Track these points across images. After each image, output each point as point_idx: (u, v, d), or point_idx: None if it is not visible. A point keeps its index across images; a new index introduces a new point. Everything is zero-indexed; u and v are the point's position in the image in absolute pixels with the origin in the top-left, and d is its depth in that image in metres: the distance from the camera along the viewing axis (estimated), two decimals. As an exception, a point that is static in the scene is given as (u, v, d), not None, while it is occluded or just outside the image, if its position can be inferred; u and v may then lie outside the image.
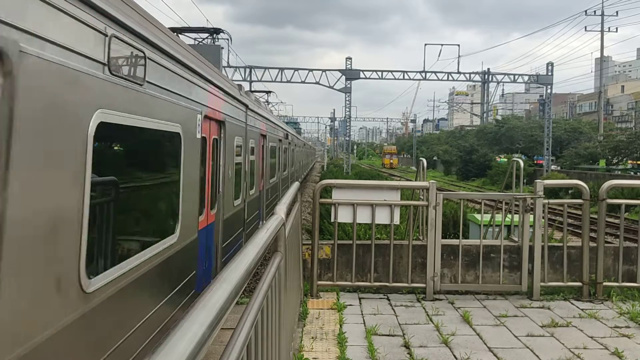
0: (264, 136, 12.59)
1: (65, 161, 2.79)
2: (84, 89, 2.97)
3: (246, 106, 9.68)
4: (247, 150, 9.85)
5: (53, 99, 2.63)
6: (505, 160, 49.19)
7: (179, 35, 12.44)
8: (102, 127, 3.16)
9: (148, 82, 4.04)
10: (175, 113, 4.78)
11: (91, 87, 3.05)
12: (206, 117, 6.15)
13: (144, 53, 3.93)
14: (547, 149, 45.47)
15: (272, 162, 14.72)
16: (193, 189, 5.55)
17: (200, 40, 14.76)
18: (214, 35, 15.12)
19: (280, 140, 17.24)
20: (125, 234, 3.89)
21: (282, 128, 18.64)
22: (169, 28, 5.52)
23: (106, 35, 3.24)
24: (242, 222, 9.37)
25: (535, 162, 50.26)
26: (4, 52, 2.21)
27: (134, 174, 4.19)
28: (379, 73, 44.66)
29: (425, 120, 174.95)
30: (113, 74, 3.35)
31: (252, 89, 42.57)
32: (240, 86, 10.12)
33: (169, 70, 4.63)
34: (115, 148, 3.89)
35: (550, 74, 44.52)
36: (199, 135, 5.75)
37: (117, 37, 3.39)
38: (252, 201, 10.68)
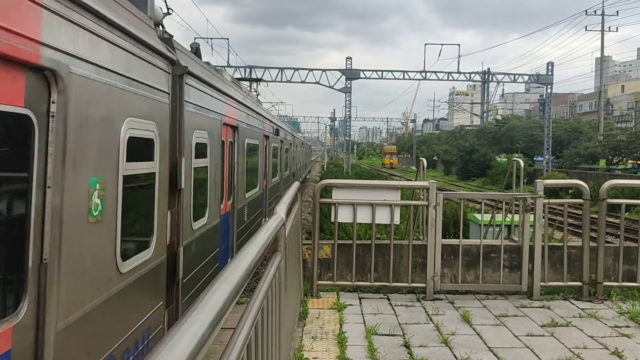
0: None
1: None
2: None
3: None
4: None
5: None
6: (505, 160, 49.16)
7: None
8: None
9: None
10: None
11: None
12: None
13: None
14: (547, 148, 45.46)
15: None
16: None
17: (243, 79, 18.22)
18: (257, 82, 19.99)
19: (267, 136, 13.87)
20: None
21: (270, 121, 15.33)
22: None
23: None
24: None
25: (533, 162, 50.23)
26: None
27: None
28: (379, 73, 44.66)
29: (426, 120, 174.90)
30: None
31: (252, 89, 42.55)
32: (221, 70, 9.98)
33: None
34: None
35: (550, 73, 44.53)
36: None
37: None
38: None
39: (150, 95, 4.34)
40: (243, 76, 42.75)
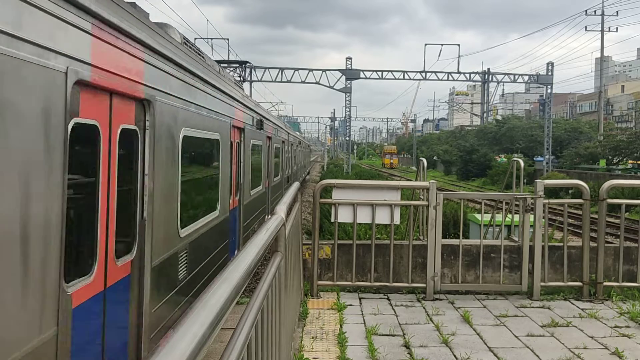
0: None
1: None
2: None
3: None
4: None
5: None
6: (506, 160, 49.15)
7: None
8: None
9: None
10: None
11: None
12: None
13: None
14: (547, 148, 45.46)
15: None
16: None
17: (231, 69, 16.14)
18: (241, 65, 17.03)
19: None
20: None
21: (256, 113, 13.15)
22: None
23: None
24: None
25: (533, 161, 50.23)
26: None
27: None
28: (379, 73, 44.65)
29: (426, 120, 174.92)
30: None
31: (252, 89, 42.44)
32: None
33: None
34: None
35: (550, 73, 44.51)
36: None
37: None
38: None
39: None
40: (243, 77, 42.80)
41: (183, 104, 5.34)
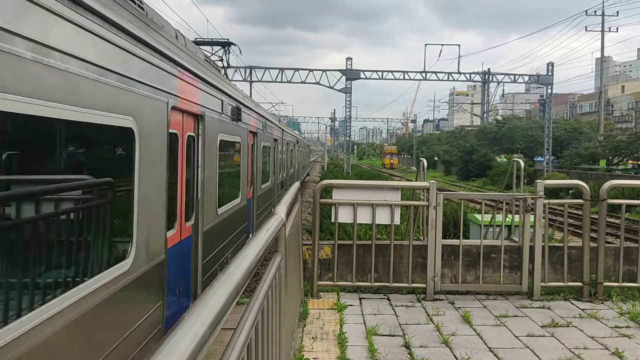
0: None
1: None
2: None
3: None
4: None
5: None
6: (506, 160, 49.15)
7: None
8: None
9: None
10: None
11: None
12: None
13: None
14: (548, 149, 45.47)
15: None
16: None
17: (212, 53, 14.33)
18: (226, 47, 14.84)
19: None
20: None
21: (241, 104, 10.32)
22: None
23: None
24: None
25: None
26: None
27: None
28: (379, 73, 44.67)
29: (426, 121, 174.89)
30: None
31: (252, 89, 42.30)
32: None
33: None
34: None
35: (550, 74, 44.54)
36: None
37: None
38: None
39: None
40: (243, 77, 42.76)
41: None
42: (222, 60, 15.13)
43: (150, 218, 4.41)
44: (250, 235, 10.50)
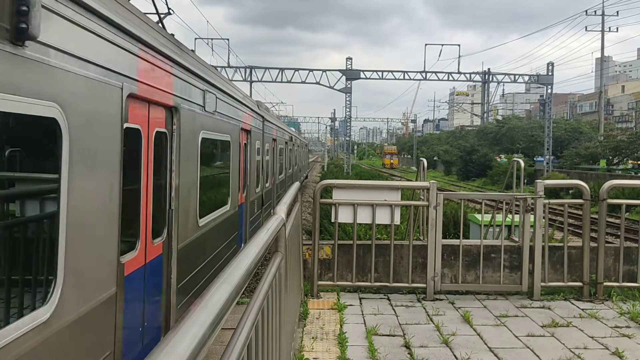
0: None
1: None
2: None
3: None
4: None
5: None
6: (506, 160, 49.13)
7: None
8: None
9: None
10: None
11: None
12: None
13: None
14: (548, 149, 45.43)
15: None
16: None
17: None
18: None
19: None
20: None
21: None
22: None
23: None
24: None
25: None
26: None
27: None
28: (379, 73, 44.63)
29: (426, 121, 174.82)
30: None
31: (252, 89, 42.24)
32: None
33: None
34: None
35: (550, 74, 44.49)
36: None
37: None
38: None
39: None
40: (243, 77, 42.77)
41: None
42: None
43: (88, 241, 3.30)
44: (243, 245, 9.32)
